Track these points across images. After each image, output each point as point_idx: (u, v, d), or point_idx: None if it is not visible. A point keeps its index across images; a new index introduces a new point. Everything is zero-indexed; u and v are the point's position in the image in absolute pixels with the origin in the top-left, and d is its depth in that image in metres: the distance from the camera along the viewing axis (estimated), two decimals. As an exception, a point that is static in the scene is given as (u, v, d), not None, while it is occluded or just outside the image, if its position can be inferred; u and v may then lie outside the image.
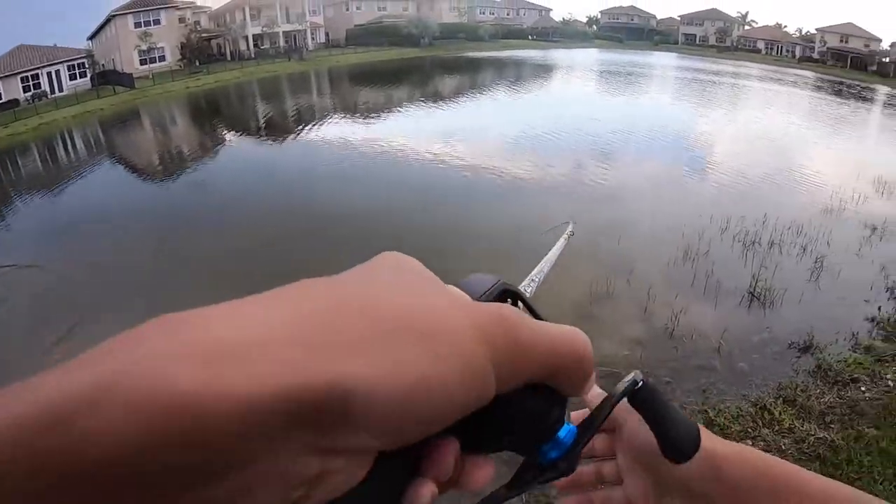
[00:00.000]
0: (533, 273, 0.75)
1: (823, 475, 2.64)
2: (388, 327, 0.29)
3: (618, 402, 0.51)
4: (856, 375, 5.73)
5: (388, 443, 0.29)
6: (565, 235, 1.00)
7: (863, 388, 5.54)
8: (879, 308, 7.29)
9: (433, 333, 0.30)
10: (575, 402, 0.44)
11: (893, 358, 6.10)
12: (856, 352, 6.29)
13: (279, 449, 0.26)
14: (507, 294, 0.46)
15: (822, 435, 4.78)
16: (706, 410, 5.15)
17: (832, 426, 4.92)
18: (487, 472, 0.37)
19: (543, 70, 48.18)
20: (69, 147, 24.49)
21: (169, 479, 0.24)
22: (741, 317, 7.37)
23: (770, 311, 7.46)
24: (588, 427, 0.45)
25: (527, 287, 0.71)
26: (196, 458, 0.24)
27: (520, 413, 0.37)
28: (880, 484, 4.16)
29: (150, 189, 15.38)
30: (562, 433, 0.42)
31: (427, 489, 0.33)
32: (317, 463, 0.28)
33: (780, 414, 5.06)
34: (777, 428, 4.91)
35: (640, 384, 0.54)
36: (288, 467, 0.27)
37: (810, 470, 2.75)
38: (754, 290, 7.81)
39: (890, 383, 5.61)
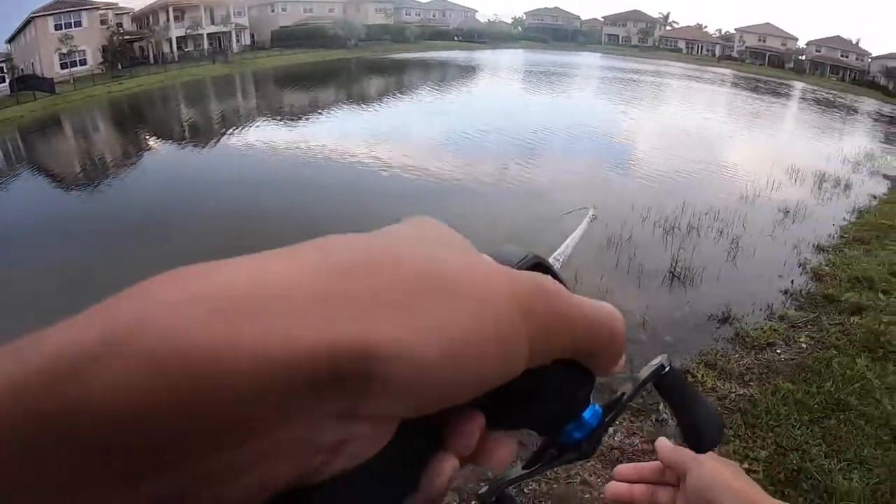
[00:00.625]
0: (556, 252, 0.81)
1: (744, 425, 2.92)
2: (425, 286, 0.27)
3: (644, 385, 0.50)
4: (772, 340, 6.06)
5: (413, 411, 0.28)
6: (588, 219, 1.05)
7: (778, 351, 5.87)
8: (792, 282, 7.67)
9: (471, 297, 0.28)
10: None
11: (806, 324, 6.45)
12: (771, 321, 6.61)
13: (301, 414, 0.24)
14: (539, 268, 0.44)
15: (742, 391, 5.07)
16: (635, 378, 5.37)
17: (751, 384, 5.21)
18: (510, 450, 0.36)
19: (468, 71, 48.55)
20: (-13, 156, 23.57)
21: (178, 443, 0.22)
22: (663, 295, 7.66)
23: (690, 289, 7.78)
24: (612, 409, 0.45)
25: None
26: (210, 422, 0.22)
27: (548, 390, 0.36)
28: (797, 429, 4.45)
29: (70, 198, 14.95)
30: (587, 414, 0.41)
31: (449, 463, 0.32)
32: (339, 429, 0.26)
33: (702, 377, 5.33)
34: (700, 388, 5.18)
35: (668, 369, 0.52)
36: (309, 433, 0.25)
37: (731, 427, 3.01)
38: (675, 270, 8.11)
39: (804, 345, 5.95)
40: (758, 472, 4.02)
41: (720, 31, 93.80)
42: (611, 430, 4.66)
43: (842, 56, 73.67)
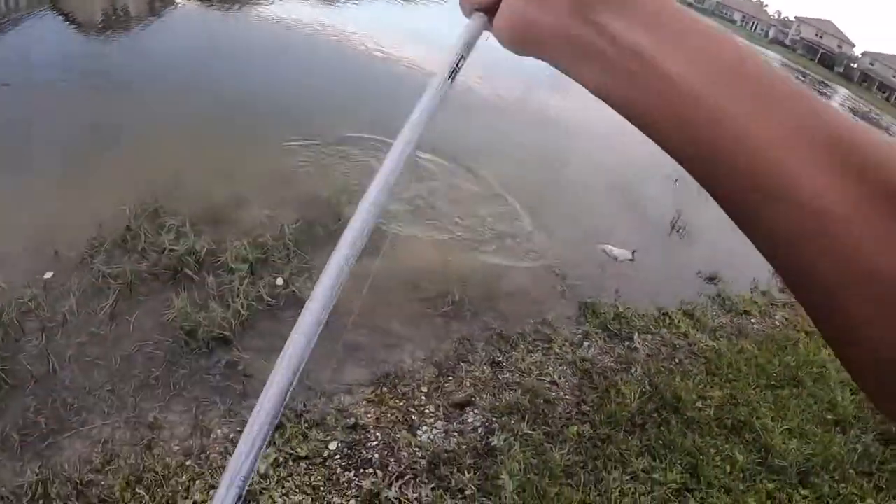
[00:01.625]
0: None
1: (707, 374, 3.18)
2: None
3: None
4: (749, 309, 6.34)
5: None
6: None
7: (753, 321, 6.16)
8: (784, 265, 7.91)
9: None
10: None
11: (785, 305, 6.72)
12: (753, 293, 6.88)
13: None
14: None
15: (710, 343, 5.35)
16: (617, 306, 5.63)
17: (720, 339, 5.50)
18: None
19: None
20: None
21: None
22: (660, 241, 7.86)
23: (686, 243, 7.97)
24: None
25: None
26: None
27: None
28: (753, 389, 4.75)
29: (87, 43, 14.49)
30: None
31: None
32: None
33: (678, 322, 5.60)
34: (674, 331, 5.45)
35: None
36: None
37: (694, 369, 3.25)
38: (675, 223, 8.29)
39: (777, 322, 6.25)
40: (708, 410, 4.31)
41: (779, 13, 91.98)
42: (585, 344, 4.94)
43: (894, 76, 72.06)
